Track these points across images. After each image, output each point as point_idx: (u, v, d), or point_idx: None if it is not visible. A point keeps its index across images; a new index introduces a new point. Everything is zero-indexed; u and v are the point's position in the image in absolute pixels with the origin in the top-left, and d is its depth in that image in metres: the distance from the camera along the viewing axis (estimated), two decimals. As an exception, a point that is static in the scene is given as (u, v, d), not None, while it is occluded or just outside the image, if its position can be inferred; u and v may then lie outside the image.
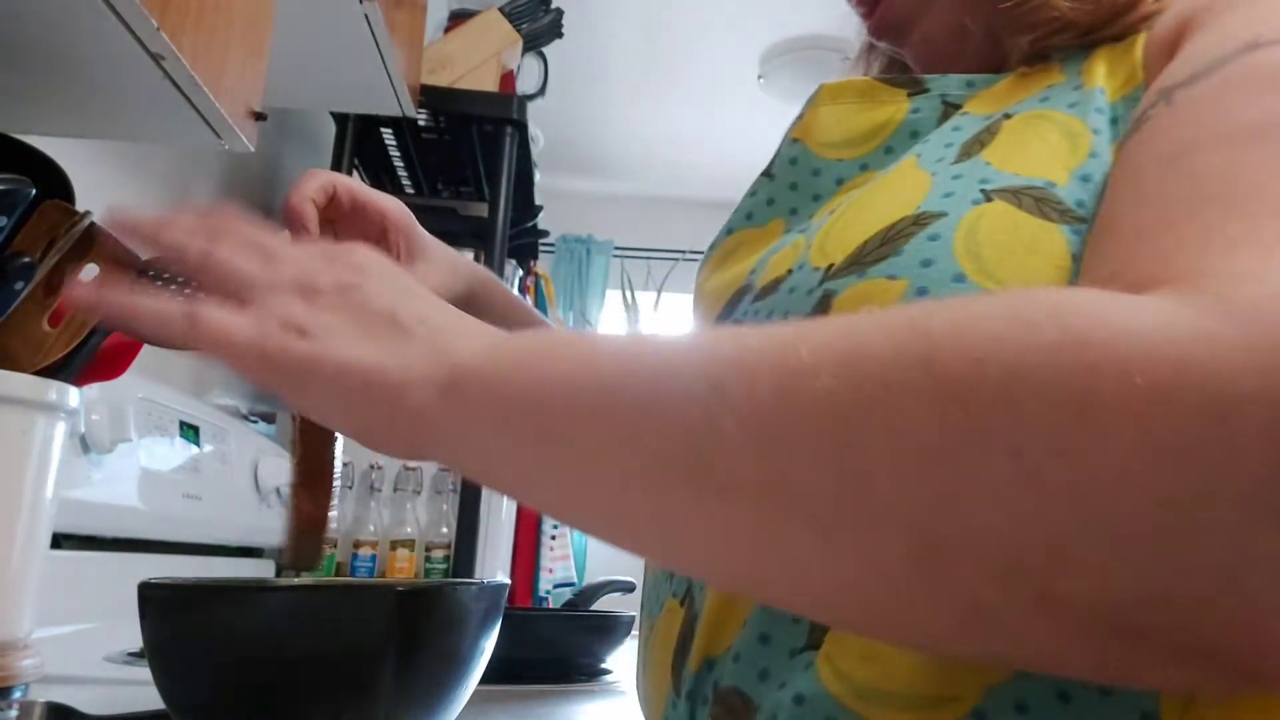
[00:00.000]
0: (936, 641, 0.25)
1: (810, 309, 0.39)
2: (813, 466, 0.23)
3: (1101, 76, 0.41)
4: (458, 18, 1.90)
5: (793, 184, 0.49)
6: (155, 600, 0.46)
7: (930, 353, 0.23)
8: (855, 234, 0.39)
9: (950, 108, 0.46)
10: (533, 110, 1.87)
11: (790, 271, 0.42)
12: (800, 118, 0.51)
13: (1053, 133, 0.39)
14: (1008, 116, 0.41)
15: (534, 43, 1.98)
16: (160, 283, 0.70)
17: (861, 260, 0.38)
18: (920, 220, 0.37)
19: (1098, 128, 0.39)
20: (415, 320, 0.34)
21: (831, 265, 0.39)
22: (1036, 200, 0.36)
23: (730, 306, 0.46)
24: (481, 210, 1.79)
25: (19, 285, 0.61)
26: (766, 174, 0.51)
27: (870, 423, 0.23)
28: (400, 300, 0.35)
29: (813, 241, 0.42)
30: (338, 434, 0.46)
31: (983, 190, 0.37)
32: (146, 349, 0.72)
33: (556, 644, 1.02)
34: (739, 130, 3.40)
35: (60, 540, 0.89)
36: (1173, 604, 0.21)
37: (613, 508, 0.28)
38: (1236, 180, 0.28)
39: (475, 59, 1.77)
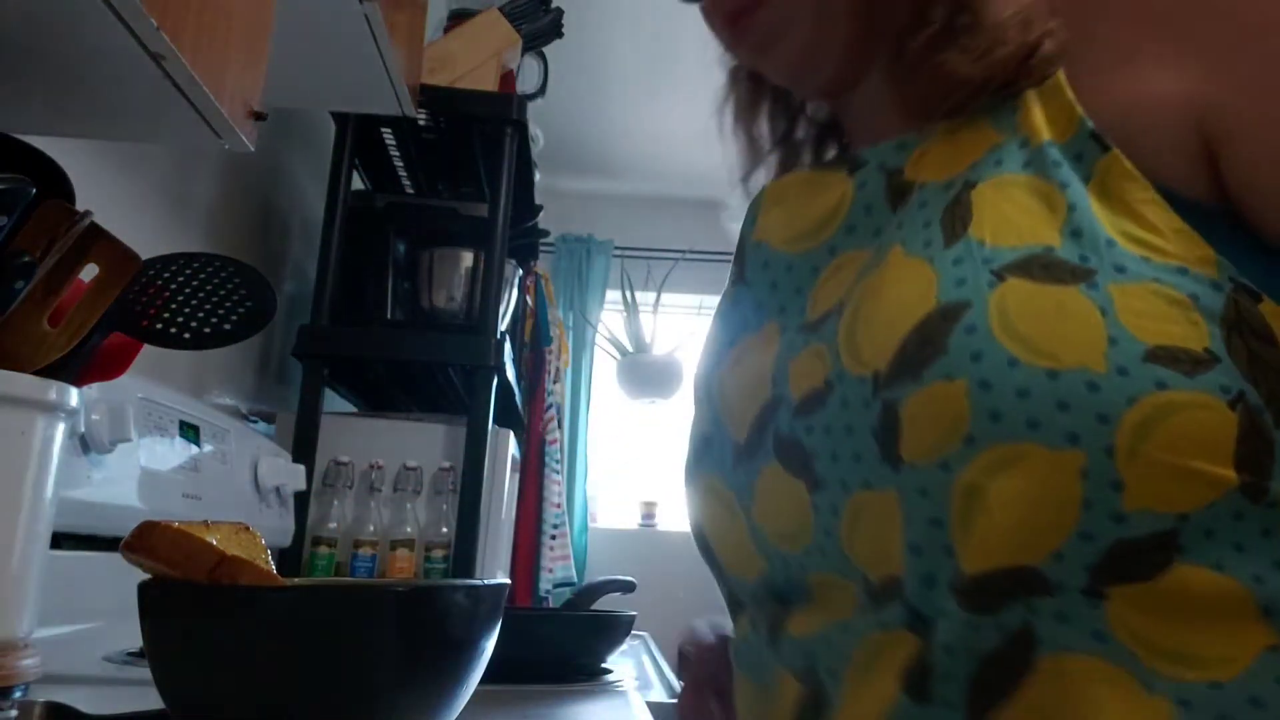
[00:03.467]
0: None
1: (875, 421, 0.39)
2: None
3: (1042, 127, 0.42)
4: (458, 18, 1.90)
5: (772, 284, 0.51)
6: (155, 600, 0.46)
7: None
8: (883, 336, 0.40)
9: (892, 174, 0.47)
10: (533, 110, 1.87)
11: (829, 383, 0.42)
12: (754, 221, 0.53)
13: (1024, 196, 0.40)
14: (970, 185, 0.42)
15: (534, 43, 1.98)
16: (160, 281, 0.70)
17: (908, 364, 0.38)
18: (947, 313, 0.38)
19: (1065, 181, 0.40)
20: None
21: (877, 373, 0.40)
22: (1044, 268, 0.38)
23: (766, 420, 0.47)
24: (481, 210, 1.79)
25: (19, 285, 0.61)
26: (741, 282, 0.53)
27: None
28: None
29: (837, 349, 0.42)
30: None
31: (992, 271, 0.38)
32: (146, 349, 0.72)
33: (556, 644, 1.02)
34: (739, 130, 3.40)
35: (60, 540, 0.89)
36: None
37: None
38: None
39: (475, 59, 1.77)
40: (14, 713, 0.53)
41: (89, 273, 0.66)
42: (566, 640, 1.04)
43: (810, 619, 0.44)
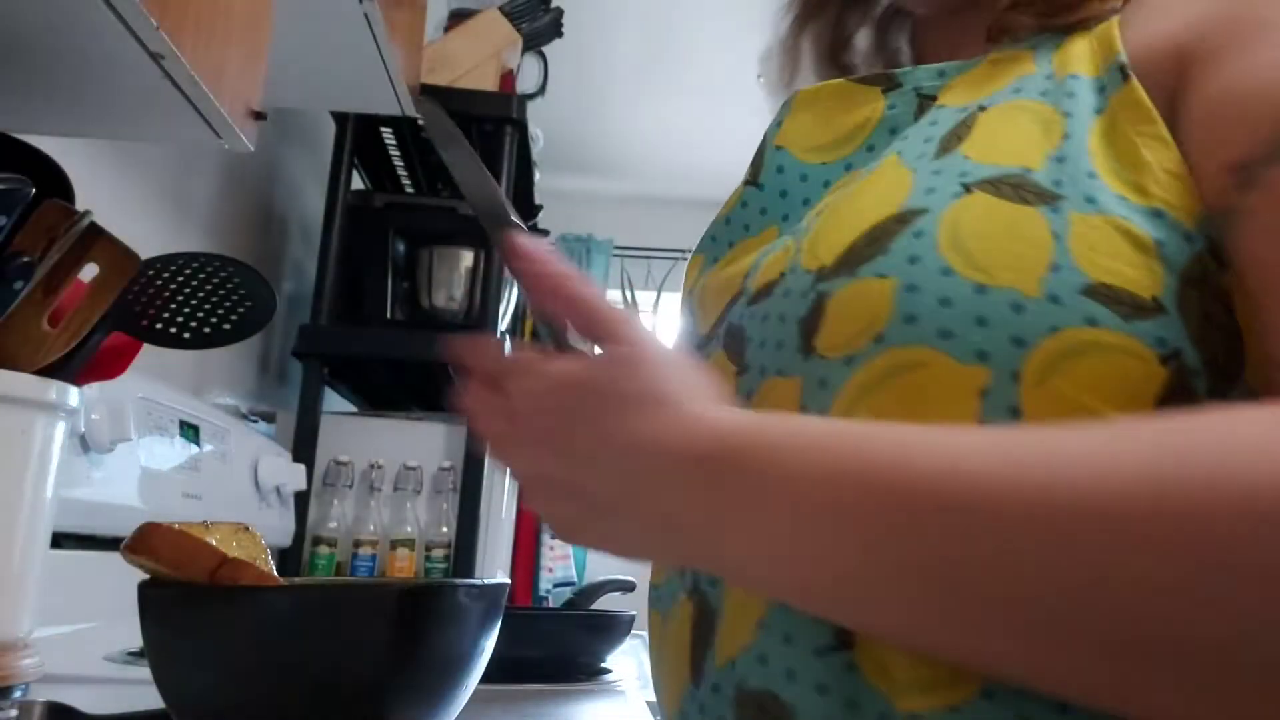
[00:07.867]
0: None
1: (805, 311, 0.40)
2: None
3: (1076, 62, 0.42)
4: (458, 18, 1.90)
5: (782, 191, 0.50)
6: (155, 600, 0.46)
7: None
8: (842, 235, 0.40)
9: (925, 99, 0.47)
10: (533, 110, 1.87)
11: (782, 275, 0.42)
12: (779, 125, 0.52)
13: (1026, 121, 0.40)
14: (982, 109, 0.42)
15: (534, 43, 1.98)
16: (160, 281, 0.70)
17: (850, 261, 0.38)
18: (904, 218, 0.38)
19: (1070, 110, 0.40)
20: (650, 502, 0.36)
21: (822, 267, 0.40)
22: (1014, 187, 0.37)
23: (726, 310, 0.47)
24: (481, 210, 1.79)
25: (19, 285, 0.61)
26: (753, 183, 0.52)
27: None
28: (625, 487, 0.37)
29: (802, 244, 0.42)
30: None
31: (962, 183, 0.38)
32: (146, 348, 0.72)
33: (556, 644, 1.02)
34: (739, 130, 3.39)
35: (60, 540, 0.89)
36: None
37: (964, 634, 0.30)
38: None
39: (475, 59, 1.77)
40: (14, 713, 0.53)
41: (89, 273, 0.66)
42: (566, 640, 1.04)
43: None
